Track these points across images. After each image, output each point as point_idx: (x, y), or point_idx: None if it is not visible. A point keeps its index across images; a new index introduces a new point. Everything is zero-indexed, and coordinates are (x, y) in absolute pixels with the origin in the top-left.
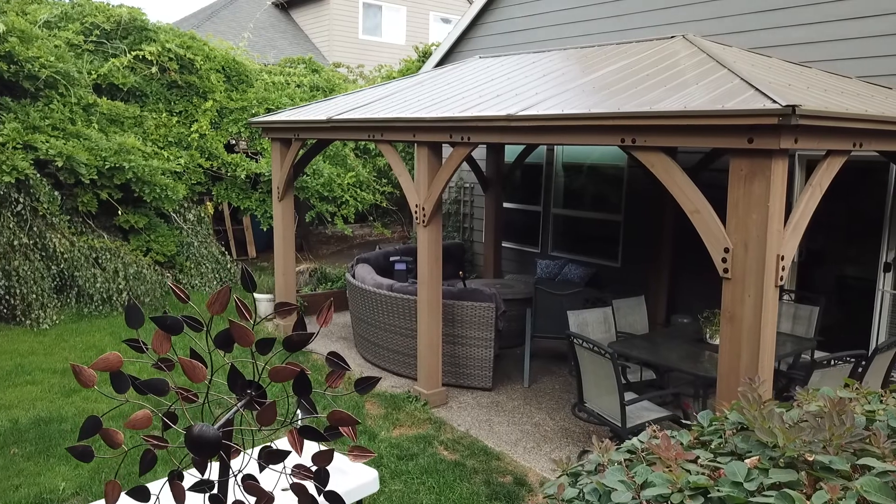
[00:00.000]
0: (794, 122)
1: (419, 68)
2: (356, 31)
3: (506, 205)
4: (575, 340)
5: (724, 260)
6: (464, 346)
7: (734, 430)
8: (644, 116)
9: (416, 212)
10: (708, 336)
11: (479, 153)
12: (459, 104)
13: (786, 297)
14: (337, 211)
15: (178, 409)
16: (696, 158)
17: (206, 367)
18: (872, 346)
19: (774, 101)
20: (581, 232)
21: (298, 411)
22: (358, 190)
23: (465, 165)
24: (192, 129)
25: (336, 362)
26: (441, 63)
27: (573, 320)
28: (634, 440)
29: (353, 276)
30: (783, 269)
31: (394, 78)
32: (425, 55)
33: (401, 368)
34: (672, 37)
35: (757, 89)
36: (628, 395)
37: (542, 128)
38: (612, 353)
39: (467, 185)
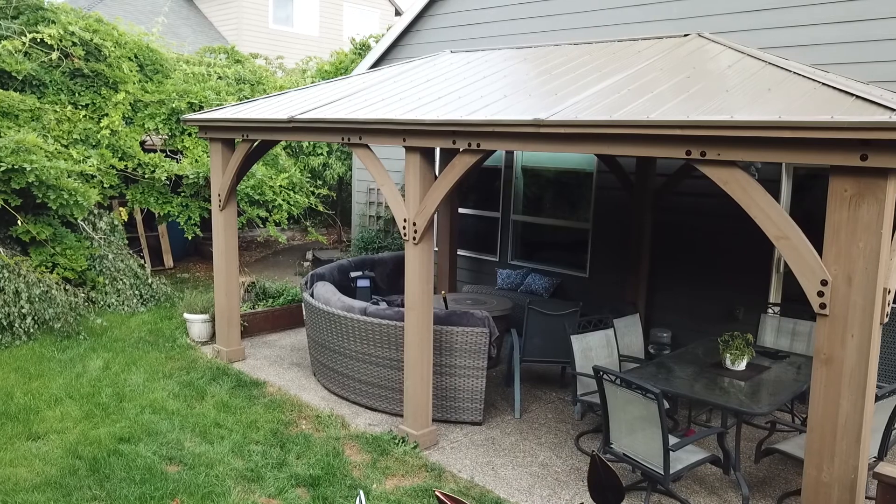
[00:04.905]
0: None
1: (353, 61)
2: (266, 21)
3: (460, 210)
4: (605, 377)
5: (820, 294)
6: (452, 376)
7: None
8: (725, 126)
9: (404, 227)
10: (729, 362)
11: None
12: (458, 105)
13: (770, 310)
14: (268, 216)
15: None
16: (676, 165)
17: None
18: None
19: None
20: (544, 240)
21: None
22: (291, 192)
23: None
24: (101, 125)
25: None
26: (384, 57)
27: (577, 346)
28: None
29: (312, 296)
30: (889, 304)
31: (326, 71)
32: (362, 48)
33: (376, 402)
34: (685, 35)
35: (860, 97)
36: (671, 438)
37: (580, 135)
38: (657, 393)
39: None
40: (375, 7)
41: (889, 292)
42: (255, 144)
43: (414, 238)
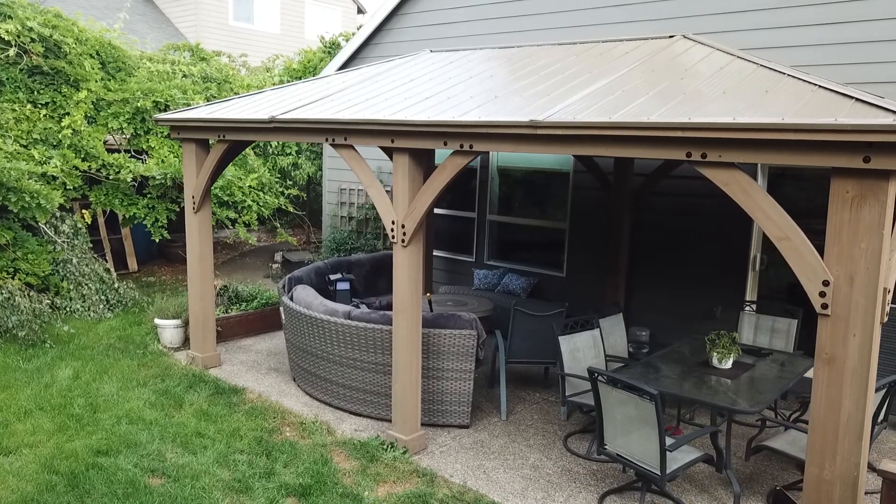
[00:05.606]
0: None
1: (322, 60)
2: (226, 18)
3: (436, 211)
4: (600, 378)
5: (822, 294)
6: (439, 379)
7: None
8: (729, 129)
9: (392, 230)
10: (716, 360)
11: None
12: (448, 105)
13: (748, 308)
14: (238, 217)
15: None
16: (654, 164)
17: None
18: None
19: None
20: (521, 240)
21: None
22: (260, 193)
23: (387, 166)
24: (62, 124)
25: None
26: (355, 56)
27: (565, 346)
28: None
29: (292, 300)
30: (888, 303)
31: (294, 69)
32: (332, 46)
33: (360, 407)
34: (671, 36)
35: (859, 100)
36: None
37: (578, 137)
38: (655, 394)
39: (390, 188)
40: (337, 5)
41: (889, 292)
42: (230, 145)
43: (403, 241)
